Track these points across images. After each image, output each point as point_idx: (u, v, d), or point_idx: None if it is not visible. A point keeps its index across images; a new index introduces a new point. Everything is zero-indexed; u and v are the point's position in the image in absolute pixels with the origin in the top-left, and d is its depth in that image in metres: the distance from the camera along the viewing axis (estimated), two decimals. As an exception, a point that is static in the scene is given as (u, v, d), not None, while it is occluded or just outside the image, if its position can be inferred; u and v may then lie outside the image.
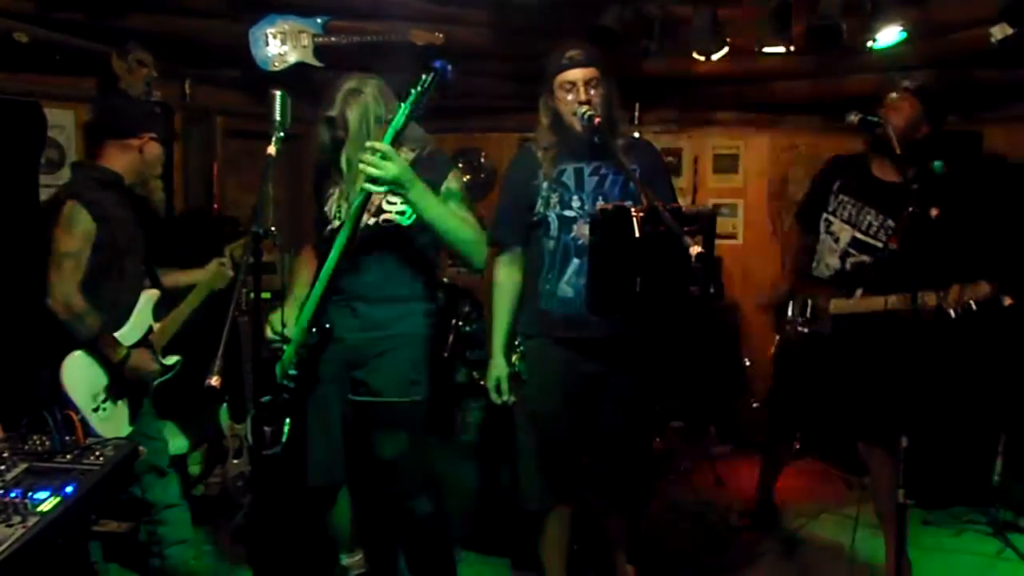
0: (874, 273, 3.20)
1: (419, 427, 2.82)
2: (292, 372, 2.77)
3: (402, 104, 2.43)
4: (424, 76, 2.39)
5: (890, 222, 3.19)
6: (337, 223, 2.71)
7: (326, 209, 2.78)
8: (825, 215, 3.38)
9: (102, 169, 2.89)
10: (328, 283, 2.62)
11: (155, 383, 3.01)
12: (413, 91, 2.40)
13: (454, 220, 2.61)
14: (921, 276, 2.93)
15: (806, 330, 3.42)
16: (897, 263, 3.12)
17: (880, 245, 3.21)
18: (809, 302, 3.39)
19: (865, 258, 3.25)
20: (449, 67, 2.39)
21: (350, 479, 2.99)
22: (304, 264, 2.97)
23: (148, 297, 3.00)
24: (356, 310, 2.72)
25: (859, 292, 3.21)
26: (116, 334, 2.87)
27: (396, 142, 2.45)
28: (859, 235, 3.27)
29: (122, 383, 2.88)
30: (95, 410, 2.80)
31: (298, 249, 3.09)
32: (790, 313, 3.55)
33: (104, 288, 2.82)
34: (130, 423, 2.92)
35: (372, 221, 2.66)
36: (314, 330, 2.70)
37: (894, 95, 3.20)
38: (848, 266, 3.29)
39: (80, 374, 2.79)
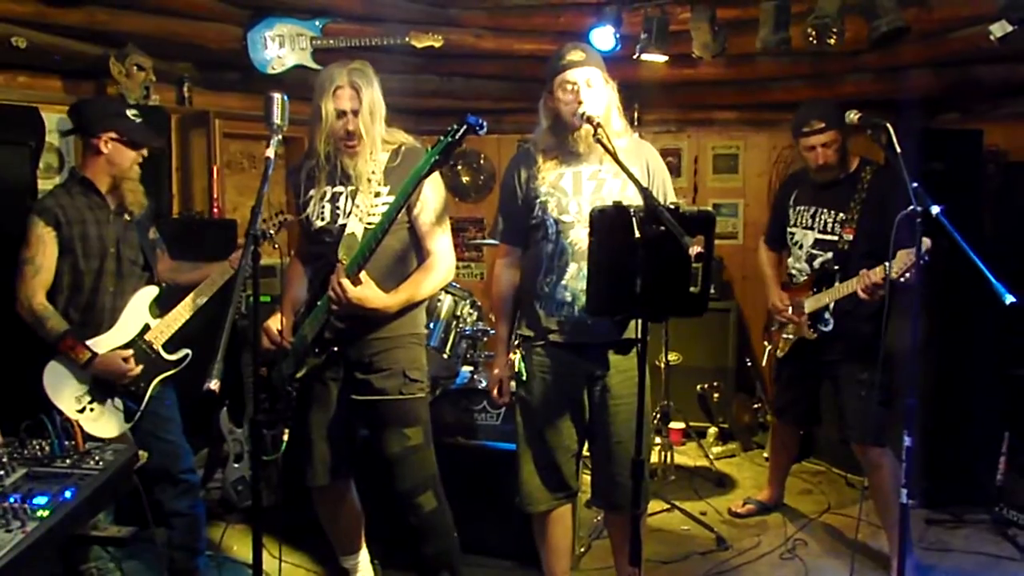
0: (839, 266, 3.32)
1: (423, 423, 2.83)
2: (295, 382, 2.77)
3: (429, 149, 2.44)
4: (455, 126, 2.41)
5: (842, 215, 3.35)
6: (320, 223, 2.74)
7: (308, 212, 2.77)
8: (788, 229, 3.57)
9: (72, 173, 2.98)
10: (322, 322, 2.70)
11: (159, 378, 3.01)
12: (442, 139, 2.42)
13: (420, 290, 2.75)
14: (879, 256, 2.99)
15: (792, 337, 3.49)
16: (856, 251, 3.26)
17: (837, 239, 3.34)
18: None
19: (829, 255, 3.38)
20: (482, 123, 2.41)
21: (356, 478, 3.00)
22: (295, 270, 2.97)
23: (143, 294, 3.01)
24: (356, 311, 2.71)
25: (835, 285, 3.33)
26: (106, 333, 2.90)
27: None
28: (819, 235, 3.43)
29: (106, 384, 2.89)
30: (80, 411, 2.85)
31: (292, 254, 3.09)
32: (774, 325, 3.64)
33: (83, 288, 2.89)
34: (126, 421, 2.93)
35: (363, 227, 2.66)
36: (316, 350, 2.72)
37: (817, 138, 3.34)
38: (816, 266, 3.42)
39: (60, 378, 2.85)
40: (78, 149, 4.00)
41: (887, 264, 2.85)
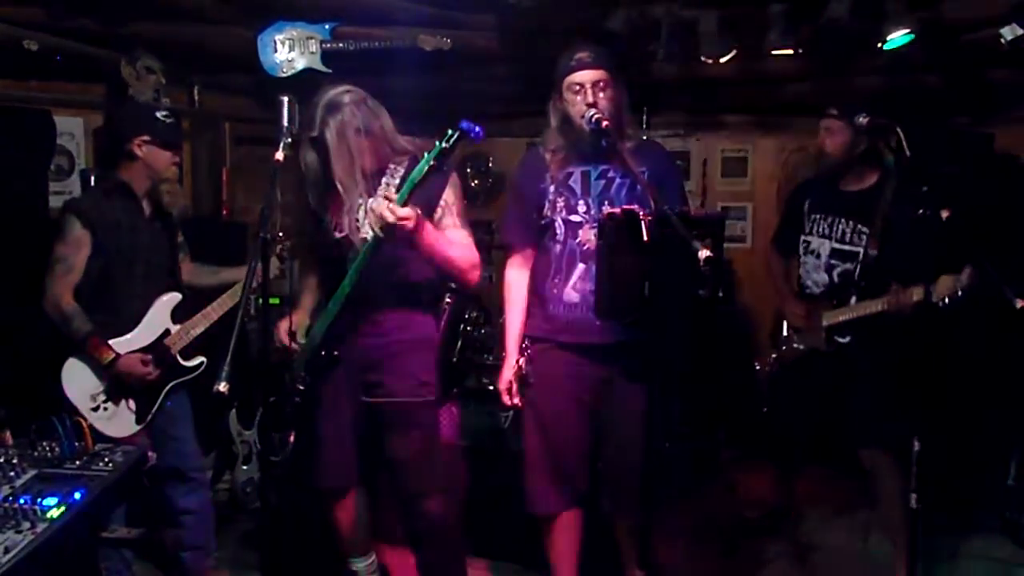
0: (862, 280, 3.25)
1: (431, 427, 2.83)
2: (302, 386, 2.77)
3: (426, 154, 2.41)
4: (450, 132, 2.36)
5: (862, 227, 3.26)
6: (339, 235, 2.70)
7: (325, 223, 2.75)
8: (803, 237, 3.47)
9: (109, 176, 3.01)
10: (338, 312, 2.65)
11: (171, 385, 3.03)
12: (438, 144, 2.38)
13: (452, 251, 2.62)
14: (908, 274, 2.99)
15: (802, 347, 3.45)
16: (881, 265, 3.19)
17: (859, 251, 3.26)
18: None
19: (848, 265, 3.30)
20: (478, 129, 2.36)
21: (364, 480, 3.00)
22: (309, 272, 2.98)
23: (167, 299, 3.03)
24: (367, 314, 2.72)
25: (853, 300, 3.26)
26: (126, 336, 2.92)
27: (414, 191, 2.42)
28: (837, 245, 3.34)
29: (122, 384, 2.90)
30: (94, 410, 2.87)
31: (303, 257, 3.09)
32: (784, 332, 3.59)
33: (108, 291, 2.91)
34: (138, 423, 2.95)
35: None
36: (323, 353, 2.72)
37: (825, 121, 3.32)
38: (836, 278, 3.34)
39: (77, 375, 2.87)
40: (90, 152, 4.04)
41: (928, 288, 2.80)
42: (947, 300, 2.87)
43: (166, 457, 3.04)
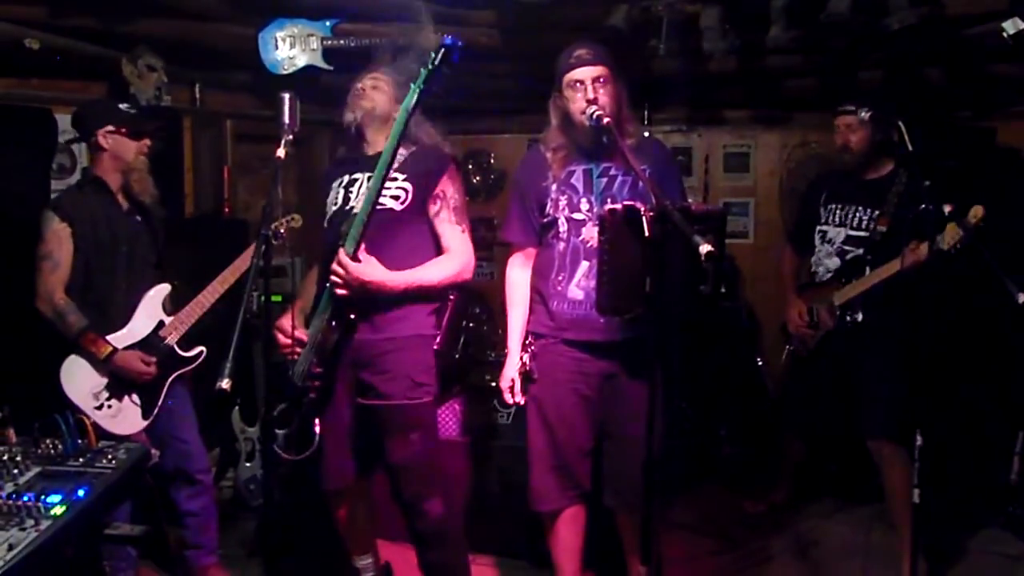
0: (871, 256, 3.32)
1: (429, 428, 2.82)
2: (310, 379, 2.76)
3: (413, 84, 2.45)
4: (433, 53, 2.41)
5: (877, 212, 3.34)
6: (334, 208, 2.77)
7: (328, 199, 2.80)
8: (819, 227, 3.54)
9: (84, 173, 3.07)
10: (333, 308, 2.68)
11: (173, 376, 3.03)
12: (423, 69, 2.43)
13: (431, 274, 2.71)
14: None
15: (813, 332, 3.47)
16: (889, 242, 3.25)
17: (869, 234, 3.35)
18: (813, 307, 3.50)
19: (861, 251, 3.38)
20: (459, 43, 2.41)
21: (365, 478, 3.00)
22: (313, 271, 2.98)
23: (156, 292, 3.03)
24: (360, 308, 2.68)
25: (867, 273, 3.33)
26: (122, 331, 2.93)
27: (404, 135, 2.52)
28: (851, 232, 3.42)
29: (124, 380, 2.91)
30: (98, 408, 2.87)
31: (308, 257, 3.10)
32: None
33: (96, 285, 2.92)
34: (144, 418, 2.95)
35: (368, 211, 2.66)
36: (333, 323, 2.67)
37: (843, 119, 3.42)
38: (848, 259, 3.41)
39: (78, 374, 2.87)
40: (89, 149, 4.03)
41: (936, 239, 2.80)
42: (958, 246, 2.89)
43: (171, 459, 3.04)
